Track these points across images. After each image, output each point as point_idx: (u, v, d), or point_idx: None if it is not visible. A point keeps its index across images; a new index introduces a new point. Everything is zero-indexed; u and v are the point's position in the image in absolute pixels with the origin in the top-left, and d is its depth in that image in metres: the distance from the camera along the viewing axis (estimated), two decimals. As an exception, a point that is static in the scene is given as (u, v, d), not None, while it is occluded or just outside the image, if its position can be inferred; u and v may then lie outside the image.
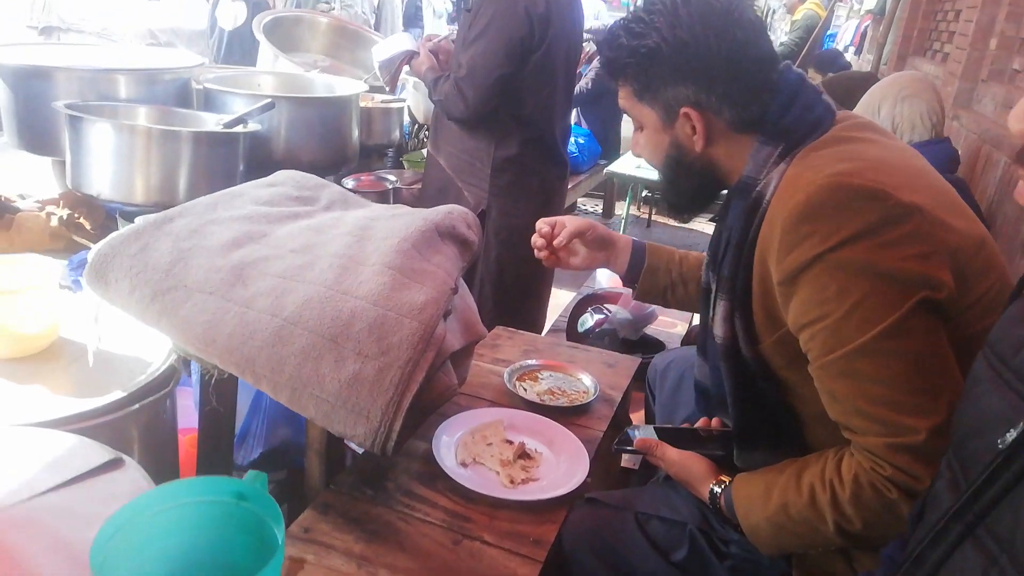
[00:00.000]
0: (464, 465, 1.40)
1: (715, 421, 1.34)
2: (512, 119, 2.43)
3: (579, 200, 6.06)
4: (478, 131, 2.44)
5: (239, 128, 2.12)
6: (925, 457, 0.95)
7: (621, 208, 5.31)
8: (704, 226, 5.92)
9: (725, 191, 1.24)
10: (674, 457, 1.26)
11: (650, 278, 1.56)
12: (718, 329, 1.16)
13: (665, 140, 1.19)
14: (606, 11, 11.95)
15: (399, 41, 2.61)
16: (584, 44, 5.34)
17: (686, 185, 1.23)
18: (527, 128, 2.46)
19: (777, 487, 1.10)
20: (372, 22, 10.45)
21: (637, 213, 6.05)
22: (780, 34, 9.42)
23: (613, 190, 6.02)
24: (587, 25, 5.71)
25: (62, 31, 6.08)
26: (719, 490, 1.20)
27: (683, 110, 1.13)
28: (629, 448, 1.32)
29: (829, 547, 1.09)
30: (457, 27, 2.56)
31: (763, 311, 1.09)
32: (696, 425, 1.35)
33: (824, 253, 0.96)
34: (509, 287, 2.62)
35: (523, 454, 1.44)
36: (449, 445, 1.43)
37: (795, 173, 1.06)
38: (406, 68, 2.60)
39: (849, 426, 1.02)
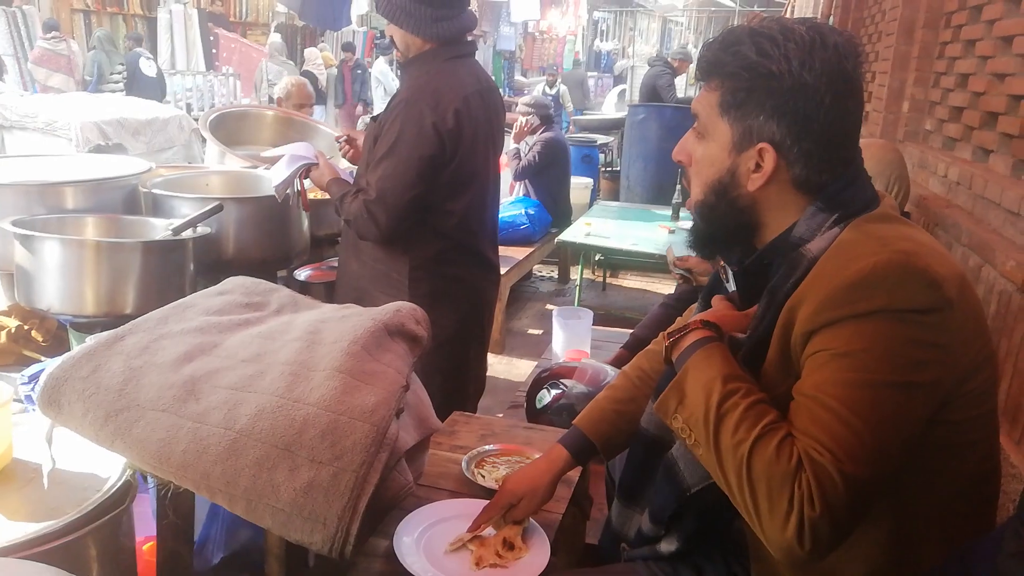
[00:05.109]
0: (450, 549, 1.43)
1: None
2: (428, 229, 2.31)
3: (534, 268, 6.15)
4: (392, 243, 2.31)
5: (188, 233, 2.15)
6: (831, 485, 0.96)
7: (576, 273, 5.41)
8: (659, 286, 6.05)
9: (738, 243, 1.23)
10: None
11: (610, 448, 1.55)
12: None
13: (725, 163, 1.15)
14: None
15: (291, 158, 2.39)
16: (527, 117, 5.53)
17: (722, 218, 1.19)
18: (446, 237, 2.34)
19: (735, 385, 1.08)
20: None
21: (592, 277, 6.15)
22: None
23: (567, 256, 6.13)
24: (528, 99, 5.91)
25: (6, 129, 6.08)
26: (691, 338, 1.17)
27: (760, 145, 1.11)
28: None
29: (708, 462, 1.08)
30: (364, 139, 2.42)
31: (777, 358, 1.11)
32: None
33: (863, 315, 1.00)
34: (435, 392, 2.24)
35: (509, 544, 1.45)
36: (410, 544, 1.44)
37: (853, 239, 1.07)
38: (307, 182, 2.45)
39: (795, 421, 1.03)
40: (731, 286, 1.30)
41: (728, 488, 1.04)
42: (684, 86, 8.85)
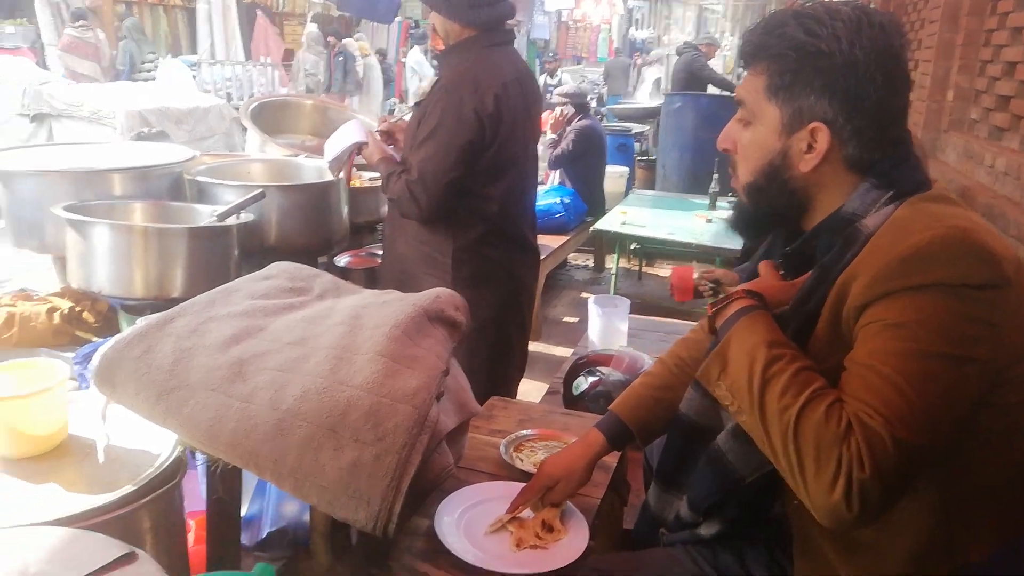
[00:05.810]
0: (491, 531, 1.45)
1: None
2: (471, 213, 2.37)
3: (570, 256, 6.16)
4: (436, 224, 2.38)
5: (232, 220, 2.20)
6: (883, 450, 0.95)
7: (611, 261, 5.40)
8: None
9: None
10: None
11: (646, 434, 1.56)
12: None
13: (775, 146, 1.15)
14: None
15: (346, 134, 2.47)
16: (563, 108, 5.53)
17: (772, 200, 1.19)
18: (488, 220, 2.39)
19: (780, 351, 1.07)
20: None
21: (627, 266, 6.14)
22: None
23: (602, 244, 6.12)
24: (564, 89, 5.91)
25: (53, 118, 6.21)
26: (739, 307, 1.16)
27: (813, 124, 1.11)
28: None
29: (751, 428, 1.08)
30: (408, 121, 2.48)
31: (825, 333, 1.10)
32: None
33: (918, 288, 0.99)
34: (478, 374, 2.38)
35: (548, 527, 1.47)
36: (451, 524, 1.47)
37: (909, 215, 1.07)
38: (358, 159, 2.51)
39: (846, 387, 1.03)
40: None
41: (773, 453, 1.04)
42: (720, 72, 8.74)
